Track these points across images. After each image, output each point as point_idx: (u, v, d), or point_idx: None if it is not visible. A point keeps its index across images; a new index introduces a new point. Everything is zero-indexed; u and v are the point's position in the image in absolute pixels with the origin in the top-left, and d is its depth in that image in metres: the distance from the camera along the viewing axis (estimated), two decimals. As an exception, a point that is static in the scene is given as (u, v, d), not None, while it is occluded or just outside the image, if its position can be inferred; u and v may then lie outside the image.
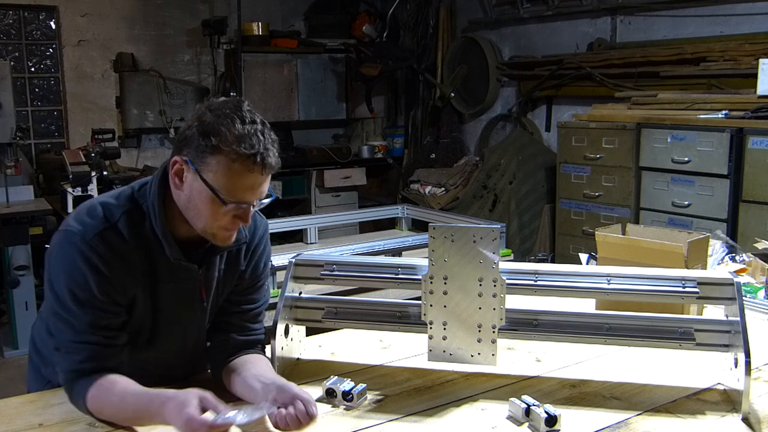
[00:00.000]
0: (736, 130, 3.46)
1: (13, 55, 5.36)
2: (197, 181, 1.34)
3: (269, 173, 1.37)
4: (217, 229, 1.39)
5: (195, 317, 1.54)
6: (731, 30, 4.18)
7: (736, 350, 1.45)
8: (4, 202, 4.46)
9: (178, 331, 1.54)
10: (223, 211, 1.35)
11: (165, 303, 1.48)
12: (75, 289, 1.36)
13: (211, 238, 1.41)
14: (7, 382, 4.02)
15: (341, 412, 1.45)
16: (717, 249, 2.45)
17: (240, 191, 1.34)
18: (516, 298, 1.63)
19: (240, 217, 1.38)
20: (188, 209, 1.39)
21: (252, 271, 1.59)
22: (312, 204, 6.12)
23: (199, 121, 1.34)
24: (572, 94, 5.04)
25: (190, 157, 1.34)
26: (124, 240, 1.39)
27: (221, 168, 1.32)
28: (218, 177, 1.32)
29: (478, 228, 1.56)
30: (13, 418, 1.42)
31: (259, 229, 1.60)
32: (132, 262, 1.40)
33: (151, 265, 1.43)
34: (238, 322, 1.60)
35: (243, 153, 1.31)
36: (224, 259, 1.54)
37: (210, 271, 1.51)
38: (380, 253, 2.90)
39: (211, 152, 1.32)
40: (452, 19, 6.14)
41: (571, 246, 4.38)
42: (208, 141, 1.31)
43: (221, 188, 1.33)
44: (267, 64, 6.03)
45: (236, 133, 1.32)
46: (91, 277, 1.36)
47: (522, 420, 1.39)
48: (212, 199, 1.34)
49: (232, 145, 1.31)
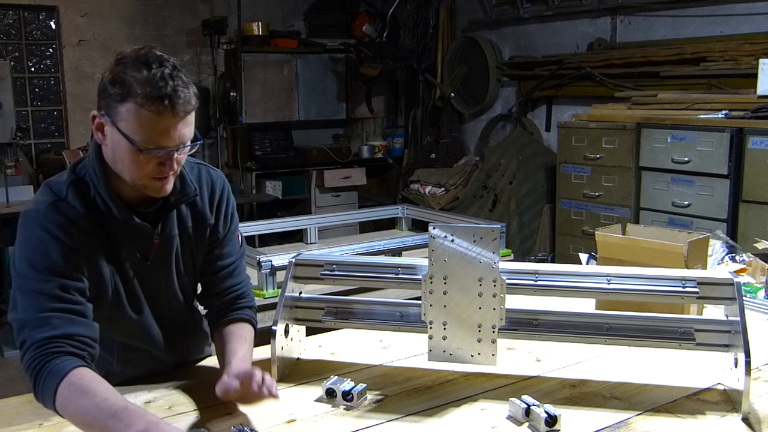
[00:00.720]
0: (736, 130, 3.46)
1: (13, 55, 5.36)
2: (115, 132, 1.34)
3: (183, 115, 1.34)
4: (145, 179, 1.39)
5: (160, 279, 1.55)
6: (731, 30, 4.18)
7: (736, 350, 1.45)
8: (4, 202, 4.46)
9: (149, 295, 1.54)
10: (143, 159, 1.35)
11: (127, 266, 1.48)
12: (36, 259, 1.37)
13: (144, 189, 1.41)
14: (7, 382, 4.02)
15: (341, 412, 1.45)
16: (717, 249, 2.45)
17: (155, 136, 1.33)
18: (516, 298, 1.63)
19: (164, 164, 1.37)
20: (115, 163, 1.40)
21: (223, 222, 1.62)
22: (312, 204, 6.13)
23: (110, 72, 1.35)
24: (572, 94, 5.04)
25: (105, 109, 1.35)
26: (75, 209, 1.41)
27: (131, 115, 1.32)
28: (130, 125, 1.32)
29: (478, 228, 1.56)
30: (13, 418, 1.42)
31: (218, 182, 1.62)
32: (87, 229, 1.41)
33: (106, 230, 1.44)
34: (219, 282, 1.64)
35: (150, 96, 1.30)
36: (190, 217, 1.56)
37: (166, 230, 1.52)
38: (380, 253, 2.89)
39: (121, 101, 1.32)
40: (452, 19, 6.14)
41: (571, 246, 4.38)
42: (116, 89, 1.32)
43: (135, 136, 1.33)
44: (267, 64, 6.03)
45: (142, 78, 1.31)
46: (52, 244, 1.37)
47: (522, 420, 1.39)
48: (131, 149, 1.34)
49: (138, 90, 1.30)
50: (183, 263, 1.59)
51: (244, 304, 1.65)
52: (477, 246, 1.55)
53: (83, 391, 1.29)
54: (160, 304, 1.58)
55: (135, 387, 1.57)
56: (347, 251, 2.82)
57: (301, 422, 1.41)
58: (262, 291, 2.67)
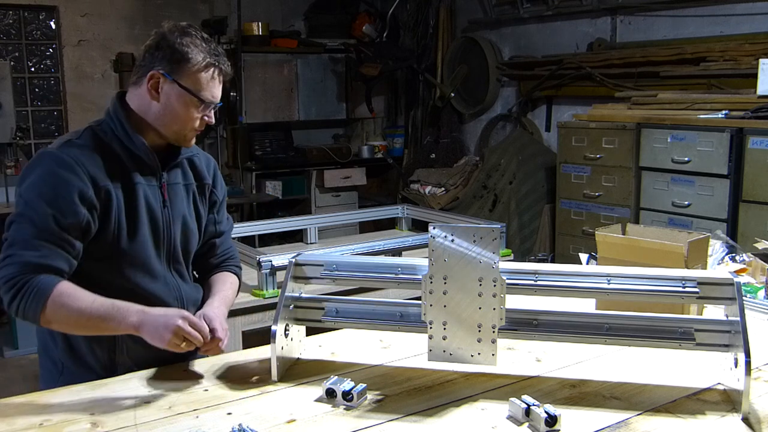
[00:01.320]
0: (736, 130, 3.46)
1: (13, 55, 5.36)
2: (174, 89, 1.63)
3: (224, 78, 1.70)
4: (189, 130, 1.68)
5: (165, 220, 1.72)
6: (731, 30, 4.18)
7: (736, 350, 1.45)
8: (4, 202, 4.46)
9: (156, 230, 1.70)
10: (196, 113, 1.66)
11: (138, 197, 1.66)
12: (44, 189, 1.54)
13: (182, 140, 1.70)
14: (7, 382, 4.02)
15: (341, 412, 1.45)
16: (717, 249, 2.45)
17: (209, 93, 1.66)
18: (516, 298, 1.63)
19: (207, 116, 1.69)
20: (163, 116, 1.65)
21: (219, 188, 1.88)
22: (312, 204, 6.13)
23: (167, 41, 1.62)
24: (572, 94, 5.04)
25: (166, 69, 1.62)
26: (90, 145, 1.62)
27: (195, 75, 1.63)
28: (194, 83, 1.63)
29: (478, 228, 1.56)
30: (13, 418, 1.42)
31: (210, 158, 1.90)
32: (100, 161, 1.61)
33: (121, 165, 1.65)
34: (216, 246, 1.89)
35: (210, 63, 1.64)
36: (192, 175, 1.80)
37: (171, 178, 1.75)
38: (380, 253, 2.89)
39: (187, 63, 1.62)
40: (452, 19, 6.14)
41: (571, 246, 4.38)
42: (182, 55, 1.61)
43: (197, 91, 1.64)
44: (267, 64, 6.03)
45: (203, 47, 1.64)
46: (61, 177, 1.55)
47: (522, 420, 1.39)
48: (189, 102, 1.64)
49: (200, 57, 1.63)
50: (194, 211, 1.80)
51: (233, 263, 1.93)
52: (477, 246, 1.55)
53: (72, 297, 1.52)
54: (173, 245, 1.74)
55: (135, 386, 1.57)
56: (347, 251, 2.82)
57: (301, 422, 1.41)
58: (262, 291, 2.67)
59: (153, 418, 1.42)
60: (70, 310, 1.51)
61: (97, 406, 1.46)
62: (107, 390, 1.56)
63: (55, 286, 1.50)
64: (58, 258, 1.53)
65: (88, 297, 1.53)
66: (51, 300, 1.49)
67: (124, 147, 1.65)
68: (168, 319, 1.52)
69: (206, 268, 1.90)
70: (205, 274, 1.90)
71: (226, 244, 1.93)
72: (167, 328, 1.50)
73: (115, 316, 1.52)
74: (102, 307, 1.52)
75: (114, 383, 1.60)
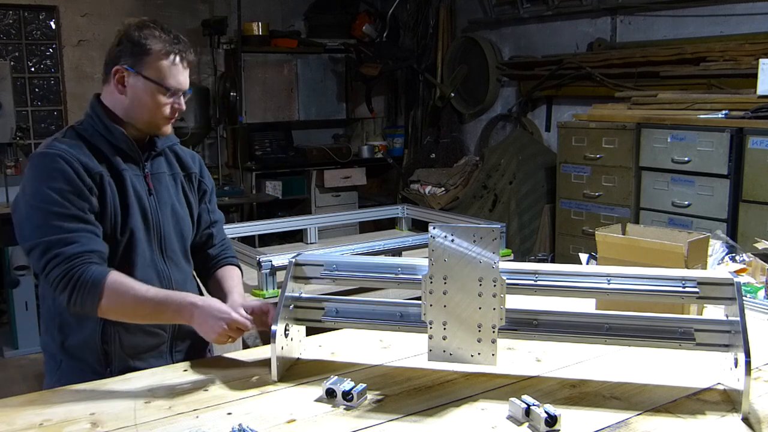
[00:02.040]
0: (736, 130, 3.46)
1: (13, 55, 5.36)
2: (139, 80, 1.68)
3: (189, 66, 1.74)
4: (160, 118, 1.71)
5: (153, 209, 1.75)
6: (731, 30, 4.18)
7: (736, 350, 1.45)
8: (4, 202, 4.46)
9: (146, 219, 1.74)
10: (164, 101, 1.70)
11: (126, 187, 1.69)
12: (51, 182, 1.59)
13: (156, 129, 1.74)
14: (7, 382, 4.02)
15: (341, 412, 1.45)
16: (717, 249, 2.45)
17: (174, 80, 1.70)
18: (516, 298, 1.63)
19: (177, 103, 1.72)
20: (133, 108, 1.70)
21: (207, 178, 1.94)
22: (312, 204, 6.13)
23: (127, 36, 1.69)
24: (572, 94, 5.04)
25: (129, 63, 1.68)
26: (76, 141, 1.67)
27: (155, 65, 1.68)
28: (156, 72, 1.68)
29: (478, 228, 1.56)
30: (13, 418, 1.42)
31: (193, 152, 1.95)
32: (88, 153, 1.66)
33: (105, 157, 1.69)
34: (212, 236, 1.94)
35: (170, 50, 1.69)
36: (177, 165, 1.85)
37: (155, 168, 1.79)
38: (380, 253, 2.89)
39: (147, 54, 1.67)
40: (452, 19, 6.14)
41: (571, 246, 4.38)
42: (141, 47, 1.67)
43: (160, 79, 1.68)
44: (267, 64, 6.03)
45: (162, 36, 1.69)
46: (59, 166, 1.59)
47: (522, 420, 1.39)
48: (155, 91, 1.68)
49: (158, 45, 1.68)
50: (183, 198, 1.84)
51: (230, 254, 1.98)
52: (477, 246, 1.55)
53: (127, 286, 1.58)
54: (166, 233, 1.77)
55: (135, 386, 1.57)
56: (347, 251, 2.82)
57: (301, 422, 1.41)
58: (262, 291, 2.67)
59: (153, 418, 1.42)
60: (126, 298, 1.58)
61: (97, 406, 1.46)
62: (107, 390, 1.56)
63: (106, 276, 1.56)
64: (94, 242, 1.60)
65: (140, 285, 1.60)
66: (106, 291, 1.55)
67: (106, 140, 1.70)
68: (221, 313, 1.59)
69: (206, 260, 1.94)
70: (207, 267, 1.94)
71: (221, 233, 1.99)
72: (220, 320, 1.58)
73: (170, 305, 1.60)
74: (157, 296, 1.60)
75: (114, 383, 1.60)
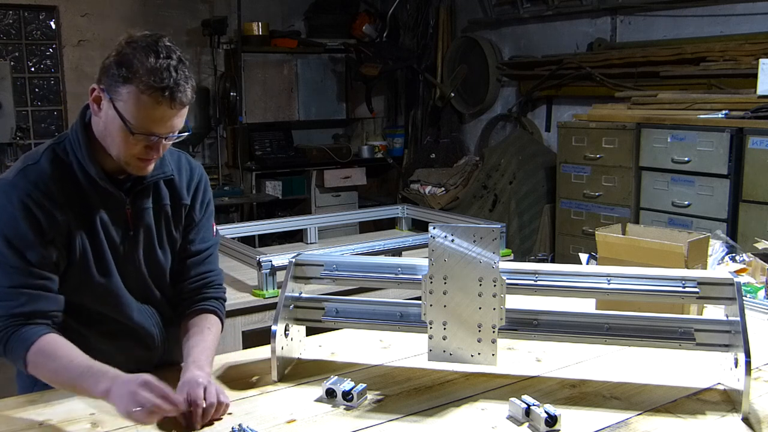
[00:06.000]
0: (736, 130, 3.46)
1: (13, 55, 5.36)
2: (111, 109, 1.41)
3: (179, 108, 1.42)
4: (129, 157, 1.45)
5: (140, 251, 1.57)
6: (731, 30, 4.18)
7: (736, 350, 1.45)
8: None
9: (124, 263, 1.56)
10: (132, 141, 1.41)
11: (99, 230, 1.50)
12: (6, 230, 1.42)
13: (126, 166, 1.47)
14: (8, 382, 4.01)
15: (341, 412, 1.45)
16: (717, 249, 2.45)
17: (148, 123, 1.40)
18: (516, 298, 1.63)
19: (151, 148, 1.44)
20: (105, 137, 1.45)
21: (199, 207, 1.67)
22: (312, 204, 6.13)
23: (117, 53, 1.41)
24: (572, 94, 5.04)
25: (106, 85, 1.41)
26: (47, 172, 1.46)
27: (131, 98, 1.38)
28: (128, 107, 1.39)
29: (478, 228, 1.56)
30: (13, 418, 1.42)
31: (196, 170, 1.68)
32: (58, 192, 1.46)
33: (80, 192, 1.49)
34: (191, 267, 1.67)
35: (152, 85, 1.36)
36: (168, 196, 1.61)
37: (138, 204, 1.56)
38: (380, 253, 2.89)
39: (123, 82, 1.38)
40: (452, 19, 6.14)
41: (571, 246, 4.38)
42: (121, 71, 1.38)
43: (131, 118, 1.39)
44: (267, 64, 6.03)
45: (148, 66, 1.37)
46: (20, 214, 1.42)
47: (522, 420, 1.39)
48: (123, 128, 1.40)
49: (142, 77, 1.36)
50: (165, 238, 1.62)
51: (212, 294, 1.68)
52: (477, 246, 1.55)
53: (50, 355, 1.40)
54: (129, 275, 1.58)
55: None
56: (347, 251, 2.82)
57: (301, 422, 1.41)
58: (262, 291, 2.66)
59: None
60: (46, 369, 1.42)
61: (97, 406, 1.45)
62: (107, 390, 1.56)
63: (35, 341, 1.41)
64: (41, 300, 1.44)
65: (66, 356, 1.40)
66: (30, 355, 1.41)
67: (83, 171, 1.48)
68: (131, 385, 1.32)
69: (181, 295, 1.66)
70: (180, 304, 1.66)
71: (205, 266, 1.68)
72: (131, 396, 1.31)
73: (87, 381, 1.37)
74: (77, 370, 1.38)
75: (114, 383, 1.59)
